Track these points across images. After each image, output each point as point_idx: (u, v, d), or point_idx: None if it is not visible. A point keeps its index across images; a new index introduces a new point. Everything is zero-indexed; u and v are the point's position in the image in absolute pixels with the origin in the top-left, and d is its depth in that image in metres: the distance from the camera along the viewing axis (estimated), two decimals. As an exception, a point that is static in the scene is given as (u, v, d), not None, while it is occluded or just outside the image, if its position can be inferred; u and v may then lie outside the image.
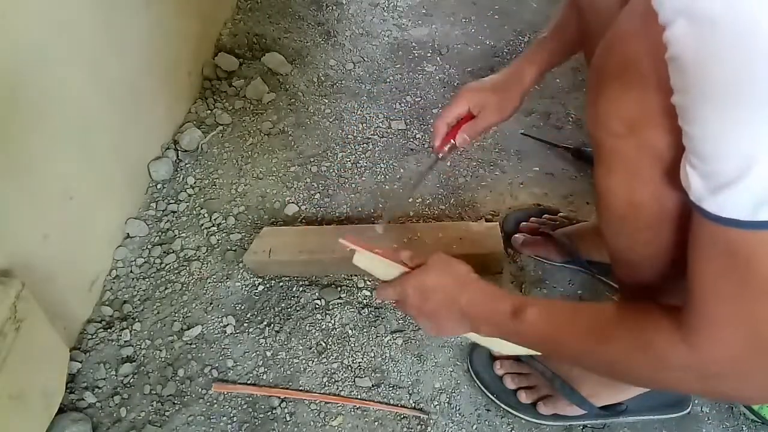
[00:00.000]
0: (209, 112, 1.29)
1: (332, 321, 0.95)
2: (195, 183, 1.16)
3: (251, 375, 0.89)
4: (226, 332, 0.94)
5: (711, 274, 0.45)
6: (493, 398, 0.86)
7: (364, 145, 1.24)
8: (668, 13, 0.39)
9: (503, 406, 0.85)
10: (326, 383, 0.89)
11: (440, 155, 0.87)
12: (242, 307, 0.97)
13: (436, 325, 0.69)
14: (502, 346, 0.67)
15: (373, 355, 0.92)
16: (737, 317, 0.44)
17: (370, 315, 0.96)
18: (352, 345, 0.93)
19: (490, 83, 0.85)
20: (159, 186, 1.15)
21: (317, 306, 0.97)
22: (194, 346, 0.93)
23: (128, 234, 1.06)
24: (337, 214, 1.12)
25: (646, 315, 0.53)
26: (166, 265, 1.03)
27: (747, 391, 0.49)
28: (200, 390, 0.88)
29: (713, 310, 0.46)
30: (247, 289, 1.00)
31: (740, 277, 0.42)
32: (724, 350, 0.46)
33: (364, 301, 0.98)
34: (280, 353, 0.92)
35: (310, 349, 0.92)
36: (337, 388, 0.88)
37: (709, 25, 0.36)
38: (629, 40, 0.50)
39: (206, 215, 1.10)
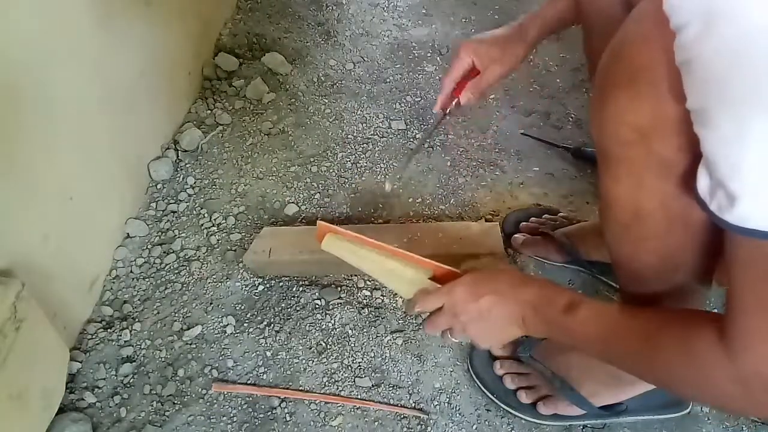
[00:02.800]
0: (209, 112, 1.29)
1: (332, 321, 0.95)
2: (195, 183, 1.16)
3: (251, 375, 0.89)
4: (226, 332, 0.94)
5: (750, 287, 0.44)
6: (493, 398, 0.86)
7: (364, 145, 1.24)
8: (684, 15, 0.38)
9: (503, 406, 0.85)
10: (326, 383, 0.89)
11: (447, 112, 0.86)
12: (242, 307, 0.97)
13: (489, 324, 0.66)
14: None
15: (373, 355, 0.92)
16: None
17: (370, 315, 0.96)
18: (352, 345, 0.93)
19: (492, 37, 0.84)
20: (159, 186, 1.15)
21: (317, 306, 0.97)
22: (194, 346, 0.93)
23: (128, 234, 1.06)
24: (337, 214, 1.12)
25: (692, 323, 0.51)
26: (166, 265, 1.03)
27: None
28: (200, 390, 0.88)
29: (756, 325, 0.44)
30: (247, 289, 1.00)
31: None
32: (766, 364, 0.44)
33: (364, 301, 0.98)
34: (280, 353, 0.92)
35: (310, 349, 0.92)
36: (337, 388, 0.88)
37: (728, 26, 0.35)
38: (638, 46, 0.49)
39: (206, 215, 1.10)
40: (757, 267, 0.42)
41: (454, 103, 0.85)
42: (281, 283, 1.00)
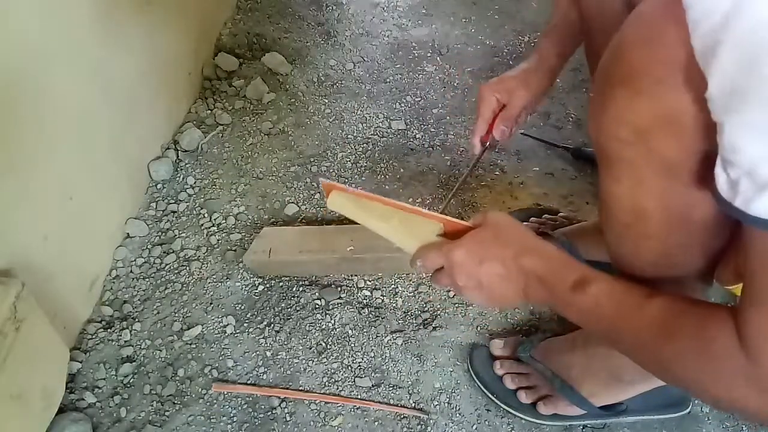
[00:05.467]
0: (209, 112, 1.29)
1: (332, 321, 0.95)
2: (195, 183, 1.16)
3: (251, 375, 0.89)
4: (226, 332, 0.94)
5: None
6: (493, 398, 0.86)
7: (364, 145, 1.24)
8: (708, 4, 0.38)
9: (503, 406, 0.85)
10: (326, 383, 0.89)
11: (485, 149, 0.87)
12: (242, 307, 0.97)
13: (487, 292, 0.63)
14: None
15: (373, 355, 0.92)
16: None
17: (370, 315, 0.96)
18: (352, 345, 0.93)
19: (510, 72, 0.85)
20: (159, 186, 1.15)
21: (317, 306, 0.97)
22: (194, 346, 0.93)
23: (128, 234, 1.06)
24: (337, 214, 1.11)
25: (711, 315, 0.50)
26: (166, 265, 1.03)
27: None
28: (200, 390, 0.88)
29: None
30: (247, 289, 1.00)
31: None
32: None
33: (364, 301, 0.98)
34: (280, 353, 0.92)
35: (310, 349, 0.92)
36: (337, 388, 0.88)
37: (764, 3, 0.35)
38: (639, 47, 0.48)
39: (206, 215, 1.10)
40: None
41: (489, 143, 0.86)
42: (281, 283, 1.00)
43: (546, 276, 0.60)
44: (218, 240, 1.06)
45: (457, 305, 0.97)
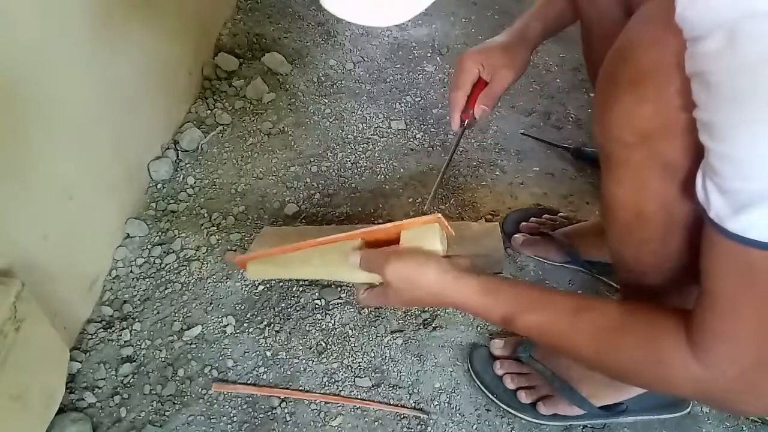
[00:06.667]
0: (209, 112, 1.29)
1: (332, 321, 0.95)
2: (195, 183, 1.16)
3: (251, 375, 0.89)
4: (226, 332, 0.94)
5: (728, 292, 0.44)
6: (493, 398, 0.86)
7: (364, 145, 1.24)
8: (702, 28, 0.37)
9: (503, 406, 0.85)
10: (326, 383, 0.89)
11: (465, 127, 0.83)
12: (242, 307, 0.97)
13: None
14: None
15: (373, 355, 0.92)
16: (755, 336, 0.44)
17: (370, 315, 0.96)
18: (352, 345, 0.93)
19: (495, 43, 0.81)
20: (159, 186, 1.15)
21: (317, 306, 0.97)
22: (194, 346, 0.93)
23: (128, 234, 1.06)
24: (337, 214, 1.12)
25: (655, 323, 0.51)
26: (166, 265, 1.03)
27: (757, 406, 0.49)
28: (200, 390, 0.88)
29: (728, 327, 0.45)
30: (247, 289, 1.00)
31: (761, 296, 0.42)
32: (736, 368, 0.45)
33: (364, 301, 0.98)
34: (280, 353, 0.92)
35: (310, 349, 0.92)
36: (337, 388, 0.88)
37: (752, 46, 0.35)
38: (645, 49, 0.48)
39: (206, 215, 1.10)
40: (741, 275, 0.42)
41: (467, 121, 0.82)
42: (281, 283, 1.00)
43: (474, 311, 0.63)
44: (218, 240, 1.06)
45: (457, 305, 0.97)
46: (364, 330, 0.94)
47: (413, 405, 0.87)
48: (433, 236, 0.67)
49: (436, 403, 0.87)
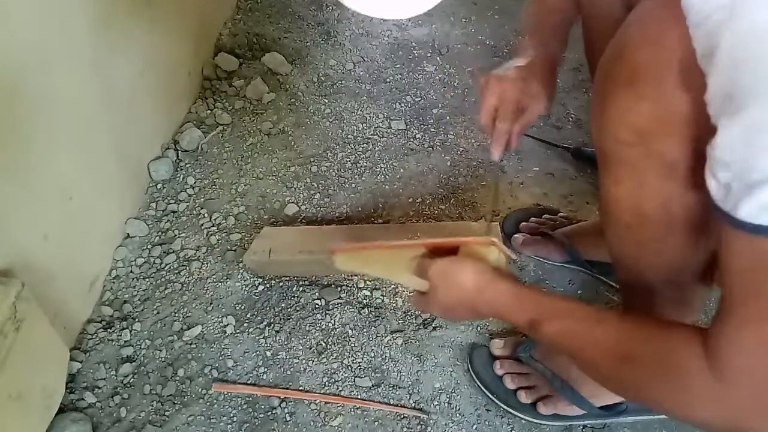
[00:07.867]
0: (209, 112, 1.29)
1: (332, 321, 0.95)
2: (195, 183, 1.16)
3: (251, 375, 0.89)
4: (226, 332, 0.94)
5: (744, 289, 0.41)
6: (493, 398, 0.86)
7: (364, 145, 1.24)
8: (707, 8, 0.37)
9: (503, 406, 0.85)
10: (326, 383, 0.89)
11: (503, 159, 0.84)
12: (242, 307, 0.97)
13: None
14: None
15: (373, 355, 0.92)
16: None
17: (370, 315, 0.96)
18: (352, 345, 0.93)
19: (529, 72, 0.80)
20: (159, 186, 1.15)
21: (317, 306, 0.97)
22: (194, 346, 0.93)
23: (128, 234, 1.06)
24: (337, 214, 1.12)
25: (672, 335, 0.48)
26: (166, 265, 1.03)
27: None
28: (200, 390, 0.88)
29: (748, 336, 0.41)
30: (247, 289, 1.00)
31: None
32: (758, 384, 0.41)
33: (364, 301, 0.98)
34: (280, 353, 0.92)
35: (310, 349, 0.92)
36: (337, 388, 0.88)
37: (761, 9, 0.34)
38: (640, 47, 0.48)
39: (206, 215, 1.10)
40: (757, 269, 0.40)
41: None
42: (281, 283, 1.00)
43: (503, 317, 0.63)
44: (218, 240, 1.06)
45: (457, 305, 0.97)
46: (364, 330, 0.94)
47: (413, 405, 0.87)
48: (489, 253, 0.68)
49: (436, 403, 0.87)
